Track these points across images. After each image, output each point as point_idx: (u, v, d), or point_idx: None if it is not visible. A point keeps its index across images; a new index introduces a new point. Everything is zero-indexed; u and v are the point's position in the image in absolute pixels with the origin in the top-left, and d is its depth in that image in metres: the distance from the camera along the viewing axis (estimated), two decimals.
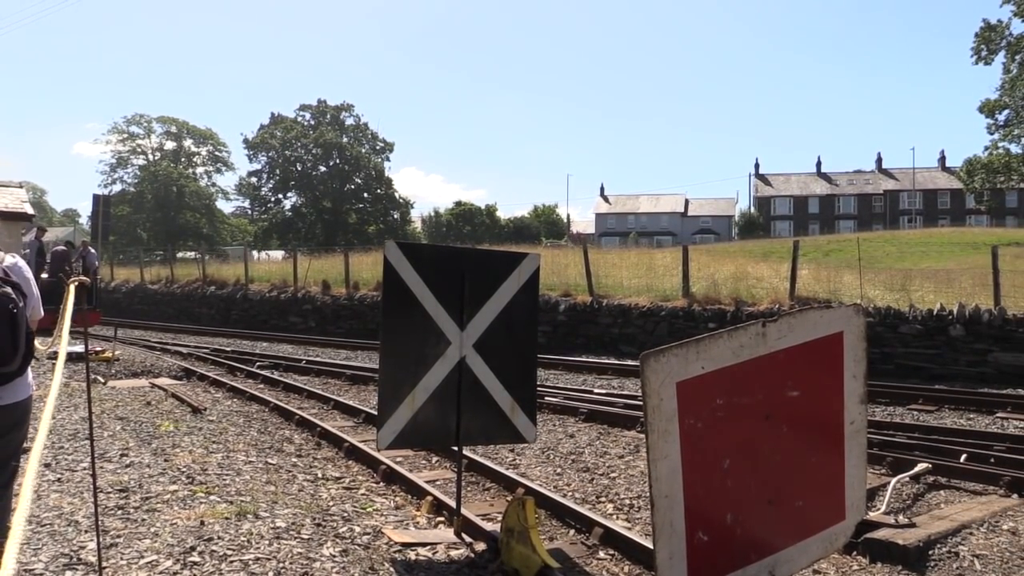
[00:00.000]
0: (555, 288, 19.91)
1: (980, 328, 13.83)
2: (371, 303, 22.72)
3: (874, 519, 5.46)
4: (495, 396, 5.43)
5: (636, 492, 6.70)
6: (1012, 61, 44.63)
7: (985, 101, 46.09)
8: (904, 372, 13.99)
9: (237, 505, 5.74)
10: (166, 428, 8.66)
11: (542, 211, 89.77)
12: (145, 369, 13.92)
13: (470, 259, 5.64)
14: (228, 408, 10.38)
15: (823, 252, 36.54)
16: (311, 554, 4.81)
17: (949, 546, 5.25)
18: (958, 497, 6.63)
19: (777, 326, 3.52)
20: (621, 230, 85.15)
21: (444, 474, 7.29)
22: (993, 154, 46.32)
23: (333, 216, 75.52)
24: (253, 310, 27.09)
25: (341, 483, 6.84)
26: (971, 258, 27.85)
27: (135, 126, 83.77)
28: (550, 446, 8.50)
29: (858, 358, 3.82)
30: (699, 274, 19.46)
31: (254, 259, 40.56)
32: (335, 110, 78.38)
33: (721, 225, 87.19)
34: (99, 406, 9.63)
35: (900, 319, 14.57)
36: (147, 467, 6.86)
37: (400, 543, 5.17)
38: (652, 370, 3.15)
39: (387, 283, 5.17)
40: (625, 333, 17.87)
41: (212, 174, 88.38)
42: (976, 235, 42.36)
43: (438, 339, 5.23)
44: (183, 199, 78.76)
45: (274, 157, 76.52)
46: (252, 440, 8.38)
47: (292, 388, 12.33)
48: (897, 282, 18.34)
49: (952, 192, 77.22)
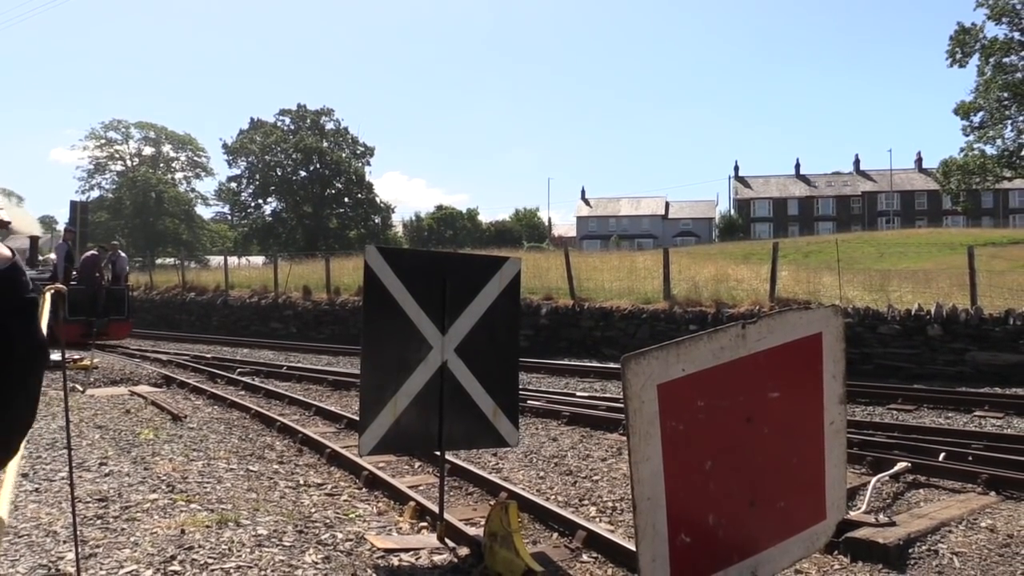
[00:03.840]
0: (537, 292, 19.93)
1: (957, 328, 13.99)
2: (352, 308, 22.64)
3: (855, 518, 5.50)
4: (477, 400, 5.42)
5: (619, 495, 6.71)
6: (986, 64, 45.25)
7: (960, 103, 46.76)
8: (883, 372, 14.12)
9: (218, 513, 5.69)
10: (146, 436, 8.58)
11: (523, 215, 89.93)
12: (124, 377, 13.77)
13: (451, 263, 5.64)
14: (209, 415, 10.30)
15: (803, 253, 36.81)
16: (293, 561, 4.78)
17: (929, 544, 5.30)
18: (937, 495, 6.70)
19: (757, 328, 3.55)
20: (602, 233, 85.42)
21: (427, 479, 7.26)
22: (969, 155, 46.89)
23: (314, 221, 75.20)
24: (234, 316, 26.90)
25: (323, 489, 6.80)
26: (948, 258, 28.17)
27: (113, 132, 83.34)
28: (533, 450, 8.50)
29: (837, 359, 3.85)
30: (680, 276, 19.55)
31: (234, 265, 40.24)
32: (315, 115, 78.05)
33: (702, 227, 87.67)
34: (77, 415, 9.52)
35: (879, 319, 14.70)
36: (127, 476, 6.79)
37: (383, 549, 5.15)
38: (633, 372, 3.16)
39: (368, 288, 5.15)
40: (607, 336, 17.91)
41: (191, 180, 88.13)
42: (953, 236, 42.85)
43: (419, 344, 5.22)
44: (162, 205, 78.26)
45: (254, 162, 76.07)
46: (233, 447, 8.32)
47: (273, 394, 12.25)
48: (876, 283, 18.51)
49: (929, 193, 78.12)
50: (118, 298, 20.60)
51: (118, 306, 20.57)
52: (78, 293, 19.04)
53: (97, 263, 20.03)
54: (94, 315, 19.46)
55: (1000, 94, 44.74)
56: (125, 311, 20.98)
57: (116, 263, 21.15)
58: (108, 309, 20.09)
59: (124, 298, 20.93)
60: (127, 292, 21.44)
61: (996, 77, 44.64)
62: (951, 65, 46.48)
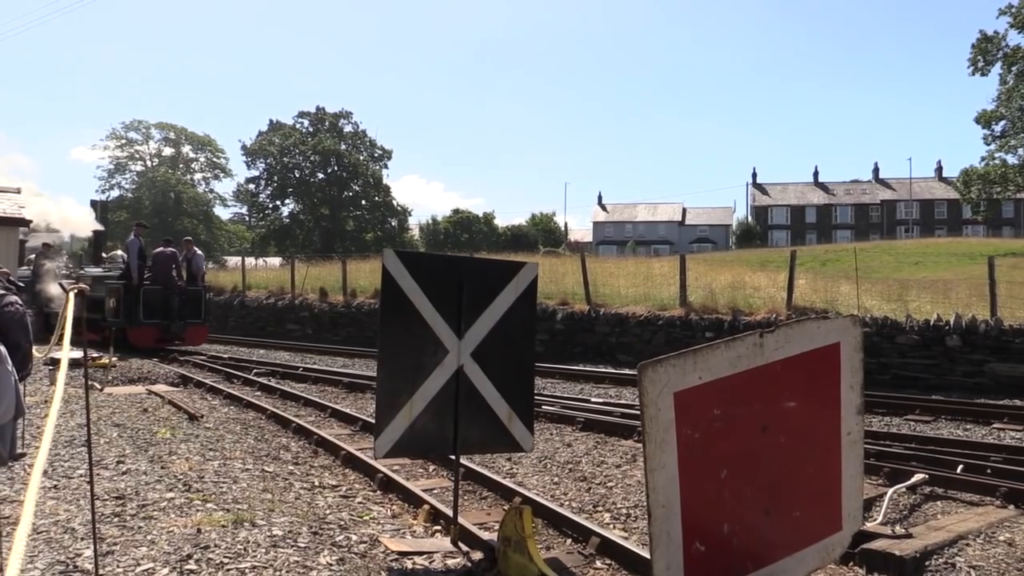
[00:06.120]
0: (552, 296, 19.91)
1: (977, 338, 13.86)
2: (368, 310, 22.71)
3: (871, 530, 5.46)
4: (492, 405, 5.44)
5: (633, 501, 6.70)
6: (1008, 72, 44.85)
7: (982, 112, 46.33)
8: (901, 382, 14.01)
9: (234, 513, 5.73)
10: (163, 435, 8.65)
11: (540, 219, 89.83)
12: (142, 376, 13.90)
13: (468, 268, 5.66)
14: (225, 415, 10.37)
15: (820, 262, 36.63)
16: (308, 562, 4.80)
17: (946, 557, 5.25)
18: (955, 508, 6.64)
19: (774, 337, 3.54)
20: (618, 238, 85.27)
21: (441, 483, 7.28)
22: (990, 165, 46.50)
23: (331, 223, 75.52)
24: (250, 317, 27.03)
25: (338, 491, 6.83)
26: (967, 268, 27.94)
27: (133, 132, 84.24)
28: (547, 455, 8.50)
29: (855, 369, 3.83)
30: (696, 283, 19.48)
31: (251, 266, 40.50)
32: (333, 117, 78.45)
33: (718, 234, 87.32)
34: (95, 413, 9.62)
35: (897, 329, 14.59)
36: (144, 474, 6.85)
37: (397, 552, 5.17)
38: (650, 380, 3.16)
39: (385, 291, 5.18)
40: (622, 342, 17.87)
41: (210, 180, 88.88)
42: (973, 245, 42.52)
43: (436, 348, 5.24)
44: (181, 205, 78.94)
45: (272, 164, 76.54)
46: (249, 448, 8.37)
47: (289, 395, 12.31)
48: (894, 292, 18.38)
49: (949, 202, 77.43)
50: (195, 299, 18.68)
51: (195, 308, 18.63)
52: (152, 293, 17.89)
53: (174, 261, 18.37)
54: (169, 318, 18.03)
55: (1022, 103, 44.30)
56: (202, 314, 18.98)
57: (192, 260, 19.16)
58: (184, 311, 18.33)
59: (201, 299, 18.95)
60: (204, 293, 19.38)
61: (1018, 86, 44.23)
62: (973, 74, 46.13)
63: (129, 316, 17.76)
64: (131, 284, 17.80)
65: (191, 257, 19.21)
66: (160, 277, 18.06)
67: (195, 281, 19.04)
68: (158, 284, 18.01)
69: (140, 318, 17.76)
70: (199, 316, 18.83)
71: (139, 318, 17.77)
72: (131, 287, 17.78)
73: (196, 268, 19.16)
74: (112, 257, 21.25)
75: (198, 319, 18.78)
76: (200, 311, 18.86)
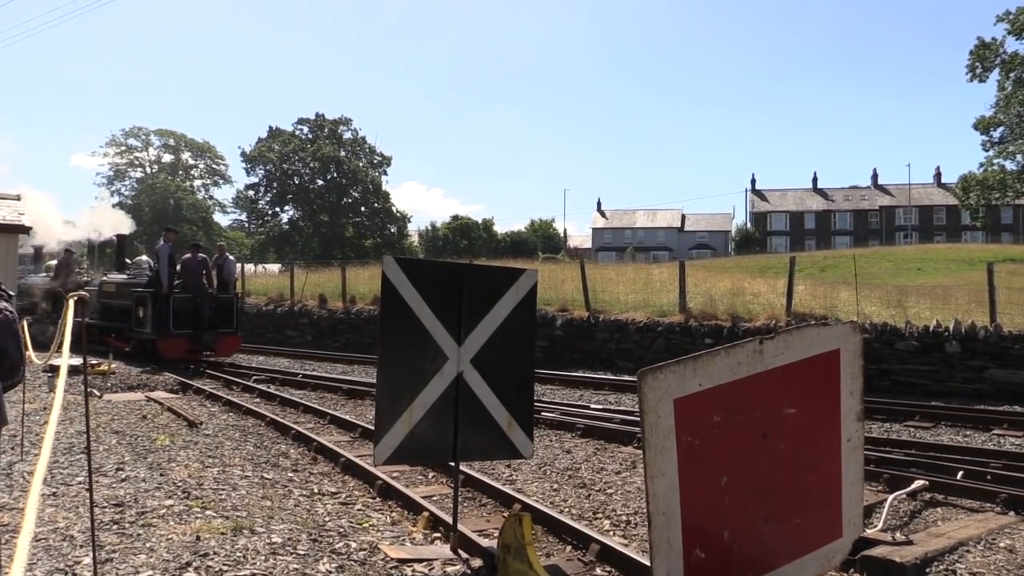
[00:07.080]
0: (552, 303, 19.91)
1: (976, 345, 13.86)
2: (368, 317, 22.70)
3: (871, 536, 5.46)
4: (492, 412, 5.44)
5: (633, 508, 6.69)
6: (1006, 79, 44.95)
7: (980, 118, 46.42)
8: (901, 389, 14.01)
9: (233, 520, 5.72)
10: (162, 442, 8.64)
11: (539, 226, 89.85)
12: (141, 382, 13.88)
13: (468, 275, 5.65)
14: (224, 422, 10.36)
15: (819, 268, 36.64)
16: (307, 570, 4.79)
17: (946, 564, 5.25)
18: (955, 514, 6.64)
19: (774, 343, 3.53)
20: (618, 245, 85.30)
21: (441, 490, 7.27)
22: (988, 171, 46.54)
23: (330, 230, 75.58)
24: (249, 323, 26.94)
25: (337, 498, 6.82)
26: (967, 274, 27.96)
27: (133, 139, 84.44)
28: (547, 462, 8.49)
29: (855, 375, 3.83)
30: (696, 289, 19.49)
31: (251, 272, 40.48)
32: (333, 124, 78.57)
33: (717, 240, 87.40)
34: (94, 420, 9.60)
35: (896, 336, 14.59)
36: (143, 481, 6.84)
37: (396, 559, 5.16)
38: (650, 387, 3.16)
39: (385, 298, 5.18)
40: (622, 348, 17.87)
41: (209, 187, 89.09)
42: (972, 251, 42.54)
43: (435, 354, 5.24)
44: (180, 212, 78.97)
45: (271, 170, 76.63)
46: (248, 454, 8.36)
47: (288, 402, 12.30)
48: (893, 298, 18.37)
49: (948, 208, 77.57)
50: (226, 308, 17.74)
51: (226, 317, 17.70)
52: (183, 302, 16.89)
53: (204, 267, 17.45)
54: (200, 328, 17.05)
55: (1020, 109, 44.35)
56: (235, 323, 17.97)
57: (224, 267, 18.17)
58: (215, 321, 17.41)
59: (233, 308, 17.95)
60: (236, 301, 18.34)
61: (1017, 92, 44.31)
62: (971, 80, 46.20)
63: (158, 326, 16.78)
64: (160, 292, 16.79)
65: (222, 263, 18.29)
66: (190, 285, 17.09)
67: (226, 288, 18.17)
68: (188, 292, 17.06)
69: (170, 328, 16.71)
70: (231, 325, 17.87)
71: (169, 328, 16.71)
72: (160, 295, 16.79)
73: (228, 275, 18.27)
74: (137, 263, 20.23)
75: (230, 328, 17.83)
76: (232, 320, 17.91)
